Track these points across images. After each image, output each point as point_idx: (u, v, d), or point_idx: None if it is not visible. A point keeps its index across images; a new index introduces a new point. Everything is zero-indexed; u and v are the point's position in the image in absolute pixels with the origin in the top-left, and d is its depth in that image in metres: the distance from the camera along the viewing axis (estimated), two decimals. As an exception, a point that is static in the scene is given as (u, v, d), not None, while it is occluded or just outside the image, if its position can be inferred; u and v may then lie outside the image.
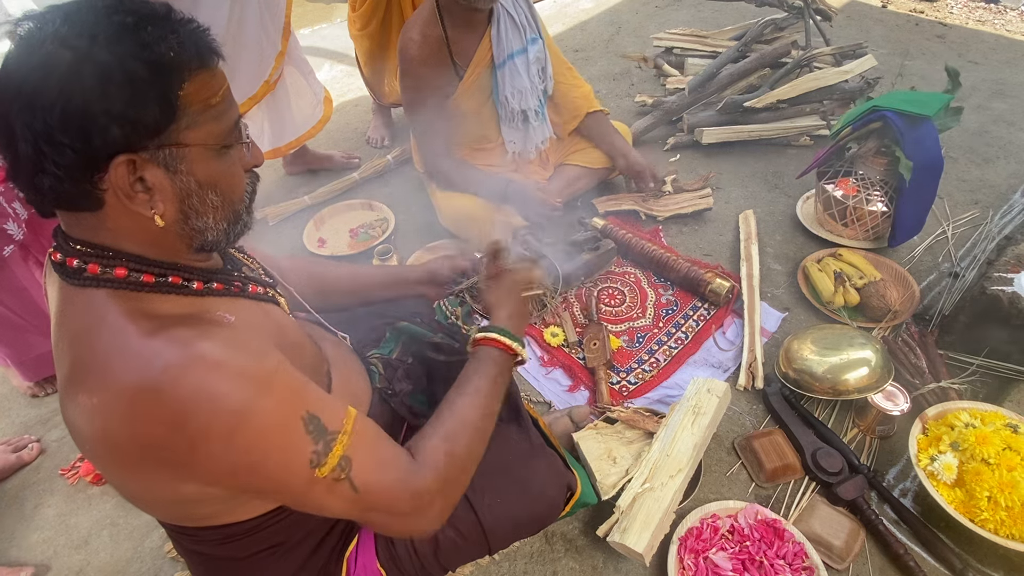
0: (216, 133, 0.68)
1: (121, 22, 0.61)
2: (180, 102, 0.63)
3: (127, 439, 0.63)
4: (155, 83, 0.61)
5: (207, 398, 0.62)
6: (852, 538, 1.25)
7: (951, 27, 3.37)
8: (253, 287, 0.82)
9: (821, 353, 1.48)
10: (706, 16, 3.63)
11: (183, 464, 0.65)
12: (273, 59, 2.01)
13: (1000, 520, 1.15)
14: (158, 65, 0.61)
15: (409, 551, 0.97)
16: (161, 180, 0.65)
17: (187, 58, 0.64)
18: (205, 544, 0.85)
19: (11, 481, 1.55)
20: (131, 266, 0.68)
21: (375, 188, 2.47)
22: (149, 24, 0.62)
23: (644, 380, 1.65)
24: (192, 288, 0.72)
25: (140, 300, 0.68)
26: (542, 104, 1.96)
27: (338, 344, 1.03)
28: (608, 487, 1.27)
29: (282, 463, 0.68)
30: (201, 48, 0.66)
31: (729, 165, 2.40)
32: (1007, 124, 2.55)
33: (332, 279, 1.18)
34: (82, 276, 0.67)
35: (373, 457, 0.75)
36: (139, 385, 0.62)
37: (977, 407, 1.36)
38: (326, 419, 0.70)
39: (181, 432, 0.62)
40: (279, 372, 0.69)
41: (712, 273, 1.84)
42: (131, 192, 0.64)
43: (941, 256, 1.94)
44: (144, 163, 0.63)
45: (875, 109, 1.77)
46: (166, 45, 0.62)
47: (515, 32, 1.81)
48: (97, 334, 0.66)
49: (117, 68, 0.59)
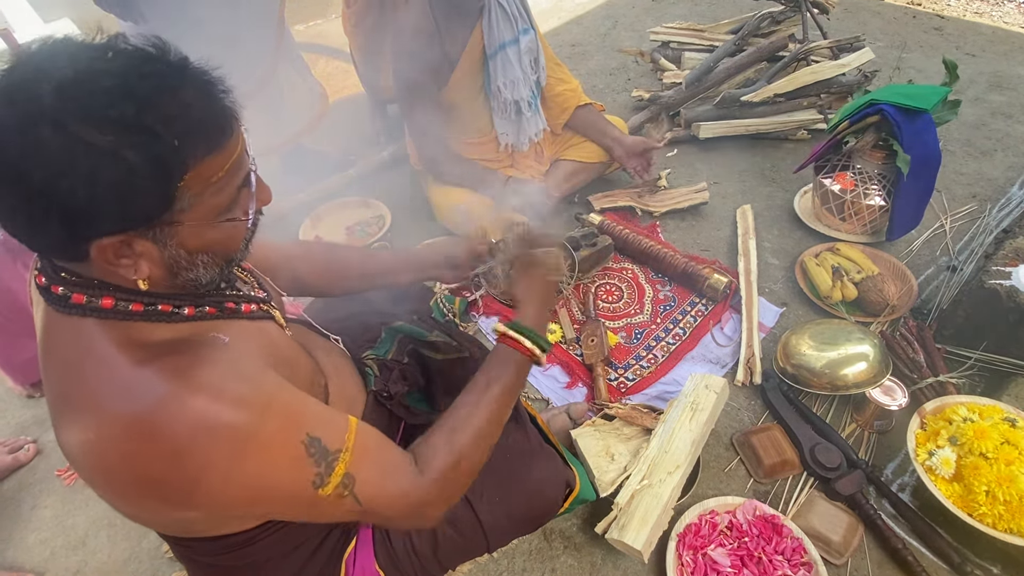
0: (216, 207, 0.63)
1: (122, 110, 0.53)
2: (178, 192, 0.59)
3: (123, 475, 0.61)
4: (152, 178, 0.56)
5: (205, 430, 0.60)
6: (850, 533, 1.25)
7: (948, 19, 3.36)
8: (247, 306, 0.78)
9: (819, 348, 1.48)
10: (703, 10, 3.61)
11: (182, 498, 0.63)
12: (267, 54, 1.99)
13: (998, 514, 1.16)
14: (158, 158, 0.56)
15: (408, 551, 0.97)
16: (148, 250, 0.61)
17: (194, 144, 0.58)
18: (203, 553, 0.84)
19: (8, 482, 1.54)
20: (118, 296, 0.64)
21: (371, 185, 2.46)
22: (153, 107, 0.55)
23: (642, 376, 1.64)
24: (183, 314, 0.69)
25: (129, 328, 0.65)
26: (535, 95, 1.96)
27: (331, 350, 1.02)
28: (606, 484, 1.27)
29: (285, 489, 0.67)
30: (213, 125, 0.60)
31: (726, 160, 2.39)
32: (1005, 117, 2.54)
33: (347, 264, 1.16)
34: (68, 304, 0.63)
35: (376, 470, 0.74)
36: (133, 420, 0.59)
37: (975, 401, 1.36)
38: (327, 439, 0.69)
39: (180, 467, 0.60)
40: (277, 395, 0.67)
41: (710, 268, 1.83)
42: (115, 260, 0.60)
43: (939, 250, 1.93)
44: (132, 239, 0.59)
45: (872, 102, 1.76)
46: (171, 134, 0.56)
47: (506, 22, 1.81)
48: (86, 364, 0.63)
49: (111, 160, 0.53)
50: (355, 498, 0.70)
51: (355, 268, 1.16)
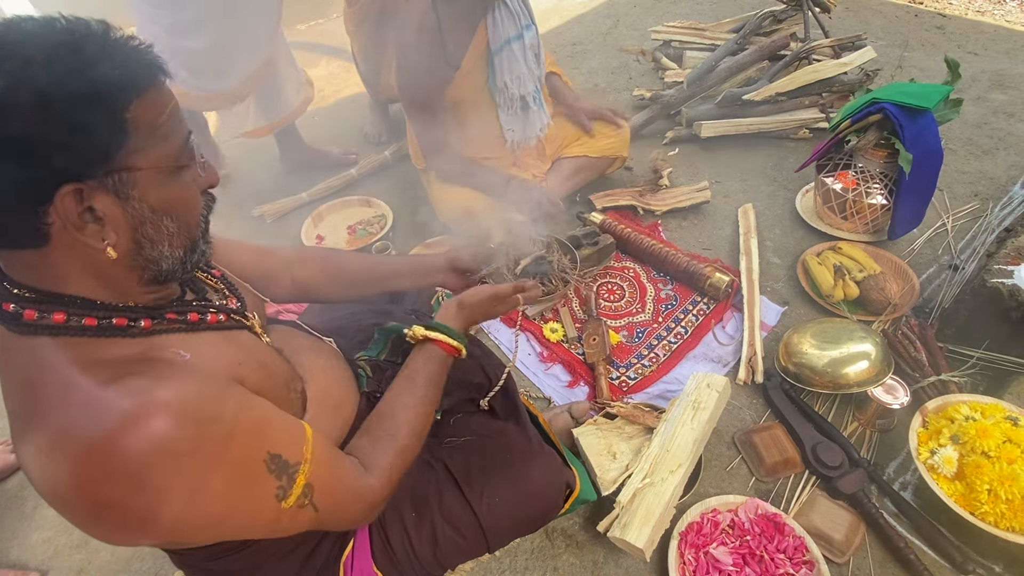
0: (167, 154, 0.64)
1: (57, 41, 0.56)
2: (128, 124, 0.59)
3: (80, 500, 0.58)
4: (100, 105, 0.57)
5: (166, 454, 0.58)
6: (852, 532, 1.25)
7: (950, 18, 3.36)
8: (212, 317, 0.76)
9: (821, 347, 1.48)
10: (704, 9, 3.61)
11: (139, 524, 0.60)
12: (270, 38, 2.08)
13: (1000, 513, 1.15)
14: (102, 85, 0.56)
15: (408, 553, 0.96)
16: (112, 209, 0.60)
17: (133, 76, 0.59)
18: (196, 559, 0.85)
19: (11, 481, 1.54)
20: (70, 311, 0.63)
21: (373, 184, 2.46)
22: (88, 43, 0.57)
23: (644, 375, 1.64)
24: (139, 327, 0.67)
25: (84, 346, 0.63)
26: (538, 90, 1.96)
27: (320, 352, 1.00)
28: (608, 483, 1.27)
29: (248, 508, 0.67)
30: (147, 65, 0.62)
31: (728, 159, 2.39)
32: (1007, 115, 2.54)
33: (350, 268, 1.16)
34: (20, 323, 0.62)
35: (331, 477, 0.76)
36: (89, 444, 0.57)
37: (977, 400, 1.36)
38: (287, 453, 0.69)
39: (137, 493, 0.58)
40: (240, 414, 0.66)
41: (711, 267, 1.83)
42: (80, 223, 0.59)
43: (941, 249, 1.93)
44: (93, 191, 0.58)
45: (874, 101, 1.76)
46: (110, 63, 0.57)
47: (510, 19, 1.81)
48: (41, 385, 0.61)
49: (57, 91, 0.54)
50: (313, 506, 0.72)
51: (362, 274, 1.16)
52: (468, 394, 1.16)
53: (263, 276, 1.05)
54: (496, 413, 1.18)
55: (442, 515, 0.98)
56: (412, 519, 0.97)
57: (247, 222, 2.30)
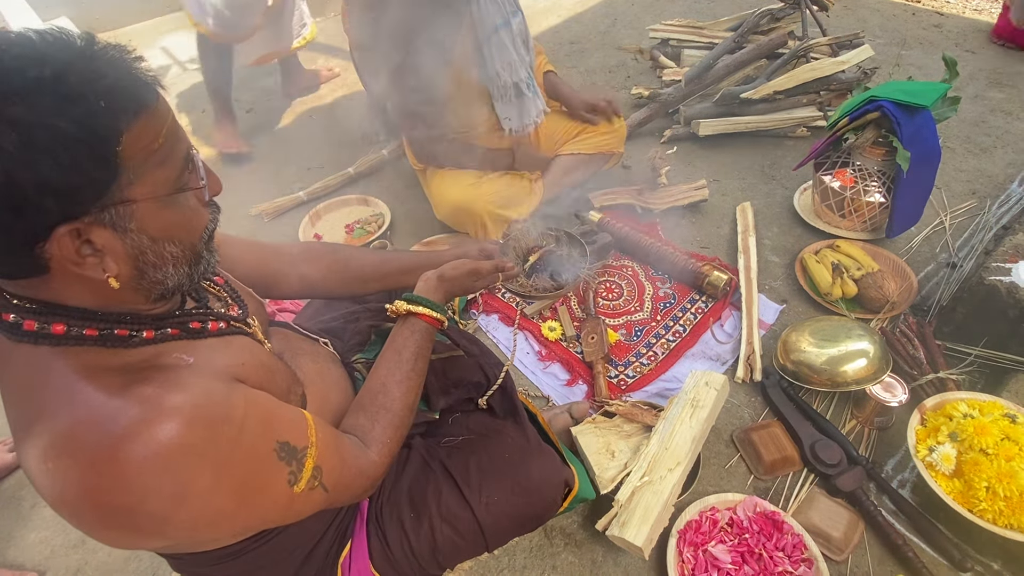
0: (166, 179, 0.61)
1: (37, 76, 0.52)
2: (119, 159, 0.55)
3: (89, 508, 0.58)
4: (87, 144, 0.53)
5: (181, 455, 0.58)
6: (851, 529, 1.25)
7: (948, 16, 3.36)
8: (213, 324, 0.76)
9: (819, 345, 1.48)
10: (702, 7, 3.61)
11: (157, 528, 0.60)
12: None
13: (998, 510, 1.16)
14: (88, 121, 0.53)
15: (406, 552, 0.96)
16: (110, 241, 0.58)
17: (122, 104, 0.56)
18: (194, 565, 0.85)
19: (8, 480, 1.54)
20: (70, 322, 0.61)
21: (370, 183, 2.46)
22: (71, 72, 0.53)
23: (642, 373, 1.64)
24: (141, 338, 0.66)
25: (86, 354, 0.62)
26: (531, 76, 1.96)
27: (317, 356, 1.00)
28: (607, 481, 1.27)
29: (262, 499, 0.67)
30: (136, 87, 0.58)
31: (726, 157, 2.39)
32: (1004, 113, 2.54)
33: (358, 265, 1.15)
34: (20, 332, 0.61)
35: (336, 457, 0.78)
36: (98, 450, 0.56)
37: (975, 397, 1.36)
38: (294, 439, 0.71)
39: (153, 498, 0.57)
40: (248, 410, 0.66)
41: (710, 266, 1.83)
42: (78, 259, 0.57)
43: (939, 247, 1.93)
44: (89, 227, 0.56)
45: (872, 99, 1.76)
46: (94, 94, 0.53)
47: (494, 7, 1.81)
48: (43, 390, 0.60)
49: (41, 134, 0.51)
50: (323, 487, 0.74)
51: (369, 270, 1.15)
52: (466, 393, 1.16)
53: (270, 275, 1.05)
54: (495, 412, 1.18)
55: (440, 515, 0.98)
56: (410, 519, 0.97)
57: (245, 221, 2.30)
